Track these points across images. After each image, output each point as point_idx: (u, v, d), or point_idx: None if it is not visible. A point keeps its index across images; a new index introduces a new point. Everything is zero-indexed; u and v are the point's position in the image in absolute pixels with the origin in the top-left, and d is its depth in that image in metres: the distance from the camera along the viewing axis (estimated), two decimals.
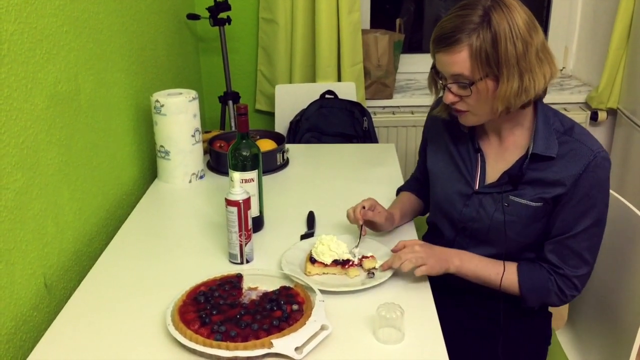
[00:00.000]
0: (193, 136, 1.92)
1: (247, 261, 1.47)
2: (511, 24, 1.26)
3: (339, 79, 2.83)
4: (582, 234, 1.36)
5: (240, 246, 1.45)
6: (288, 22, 2.80)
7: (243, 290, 1.33)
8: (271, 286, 1.34)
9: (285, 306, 1.23)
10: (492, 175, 1.45)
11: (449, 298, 1.42)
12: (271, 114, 2.89)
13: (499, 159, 1.45)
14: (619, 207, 1.51)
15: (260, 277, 1.37)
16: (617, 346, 1.47)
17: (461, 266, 1.41)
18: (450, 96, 1.36)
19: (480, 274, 1.42)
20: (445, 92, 1.36)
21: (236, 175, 1.43)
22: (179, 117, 1.87)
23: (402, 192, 1.75)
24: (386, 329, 1.20)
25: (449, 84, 1.34)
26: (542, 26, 3.04)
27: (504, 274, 1.40)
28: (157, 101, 1.86)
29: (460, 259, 1.41)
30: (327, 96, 2.68)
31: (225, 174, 1.96)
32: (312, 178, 2.02)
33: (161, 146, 1.91)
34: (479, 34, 1.27)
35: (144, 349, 1.19)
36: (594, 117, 2.89)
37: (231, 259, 1.47)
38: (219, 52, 2.80)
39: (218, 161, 2.05)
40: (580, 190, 1.33)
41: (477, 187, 1.46)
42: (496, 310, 1.45)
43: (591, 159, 1.32)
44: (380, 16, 3.08)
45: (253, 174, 1.57)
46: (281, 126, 2.75)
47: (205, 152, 2.08)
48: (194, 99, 1.90)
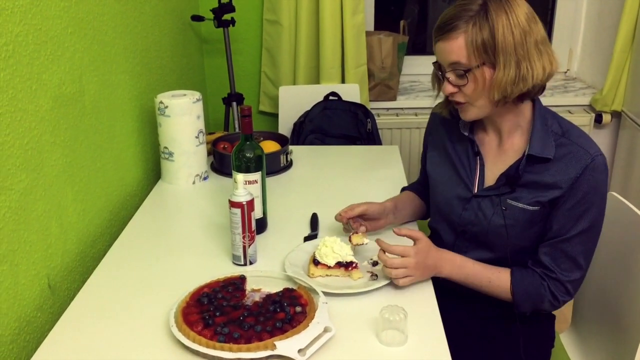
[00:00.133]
0: (197, 137, 1.92)
1: (251, 263, 1.47)
2: (509, 14, 1.28)
3: (342, 81, 2.83)
4: (577, 237, 1.36)
5: (244, 248, 1.45)
6: (292, 23, 2.80)
7: (246, 292, 1.33)
8: (274, 288, 1.34)
9: (289, 308, 1.23)
10: (491, 179, 1.45)
11: (453, 300, 1.42)
12: (275, 116, 2.89)
13: (497, 162, 1.45)
14: (622, 210, 1.51)
15: (264, 278, 1.37)
16: (621, 348, 1.47)
17: (451, 274, 1.41)
18: (449, 87, 1.36)
19: (471, 281, 1.42)
20: (444, 84, 1.37)
21: (240, 177, 1.43)
22: (183, 118, 1.87)
23: (404, 191, 1.75)
24: (389, 331, 1.20)
25: (447, 74, 1.35)
26: (547, 28, 3.09)
27: (496, 281, 1.41)
28: (161, 102, 1.86)
29: (451, 266, 1.41)
30: (330, 98, 2.68)
31: (229, 175, 1.96)
32: (316, 180, 2.02)
33: (165, 147, 1.91)
34: (475, 21, 1.28)
35: (147, 350, 1.19)
36: (598, 119, 2.89)
37: (234, 260, 1.48)
38: (223, 54, 2.80)
39: (222, 162, 2.05)
40: (576, 193, 1.33)
41: (476, 191, 1.46)
42: (500, 313, 1.45)
43: (588, 162, 1.32)
44: (384, 18, 3.08)
45: (257, 176, 1.57)
46: (285, 128, 2.75)
47: (209, 153, 2.09)
48: (197, 100, 1.90)
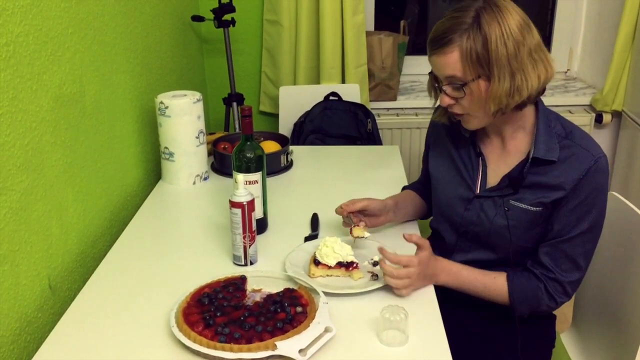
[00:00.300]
0: (197, 138, 1.92)
1: (251, 263, 1.47)
2: (502, 25, 1.26)
3: (343, 81, 2.83)
4: (577, 238, 1.36)
5: (244, 248, 1.45)
6: (292, 23, 2.80)
7: (247, 292, 1.33)
8: (275, 288, 1.34)
9: (289, 308, 1.23)
10: (493, 179, 1.45)
11: (453, 301, 1.42)
12: (275, 116, 2.89)
13: (500, 163, 1.45)
14: (623, 210, 1.50)
15: (264, 279, 1.37)
16: (622, 348, 1.47)
17: (446, 282, 1.41)
18: (446, 99, 1.36)
19: (467, 287, 1.42)
20: (441, 95, 1.37)
21: (240, 177, 1.43)
22: (184, 118, 1.87)
23: (405, 190, 1.75)
24: (390, 331, 1.20)
25: (444, 87, 1.35)
26: (547, 28, 3.09)
27: (492, 286, 1.41)
28: (161, 103, 1.86)
29: (447, 274, 1.40)
30: (331, 98, 2.68)
31: (230, 175, 1.96)
32: (316, 180, 2.02)
33: (165, 148, 1.91)
34: (469, 34, 1.27)
35: (148, 350, 1.19)
36: (598, 119, 2.89)
37: (235, 260, 1.48)
38: (223, 54, 2.80)
39: (222, 163, 2.05)
40: (579, 194, 1.33)
41: (478, 191, 1.46)
42: (500, 314, 1.45)
43: (592, 164, 1.32)
44: (385, 18, 3.08)
45: (257, 176, 1.57)
46: (285, 128, 2.75)
47: (209, 153, 2.09)
48: (198, 100, 1.90)
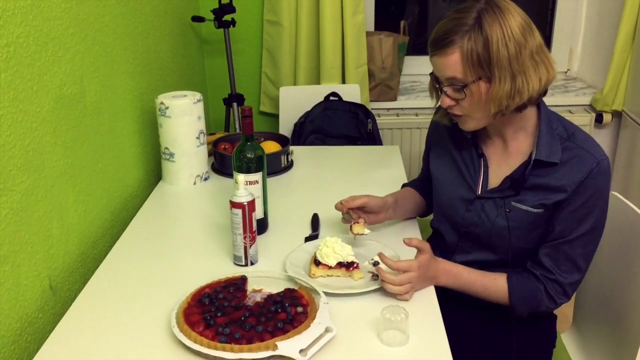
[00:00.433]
0: (198, 138, 1.92)
1: (252, 263, 1.47)
2: (504, 26, 1.26)
3: (343, 81, 2.83)
4: (578, 240, 1.36)
5: (245, 248, 1.45)
6: (292, 24, 2.80)
7: (247, 292, 1.33)
8: (275, 288, 1.34)
9: (290, 308, 1.23)
10: (495, 180, 1.45)
11: (454, 301, 1.42)
12: (275, 116, 2.89)
13: (502, 164, 1.45)
14: (623, 210, 1.50)
15: (265, 279, 1.37)
16: (622, 348, 1.47)
17: (447, 283, 1.41)
18: (446, 100, 1.36)
19: (467, 288, 1.43)
20: (442, 96, 1.37)
21: (241, 177, 1.43)
22: (184, 119, 1.88)
23: (405, 187, 1.75)
24: (391, 331, 1.20)
25: (444, 88, 1.35)
26: (547, 28, 3.09)
27: (492, 287, 1.41)
28: (161, 103, 1.86)
29: (447, 276, 1.41)
30: (331, 98, 2.68)
31: (230, 176, 1.96)
32: (317, 180, 2.02)
33: (166, 148, 1.91)
34: (470, 36, 1.27)
35: (149, 350, 1.19)
36: (598, 119, 2.89)
37: (235, 260, 1.48)
38: (223, 54, 2.80)
39: (222, 163, 2.05)
40: (580, 196, 1.33)
41: (480, 192, 1.46)
42: (501, 313, 1.45)
43: (594, 166, 1.32)
44: (385, 18, 3.08)
45: (257, 176, 1.57)
46: (285, 128, 2.75)
47: (209, 154, 2.09)
48: (198, 101, 1.90)
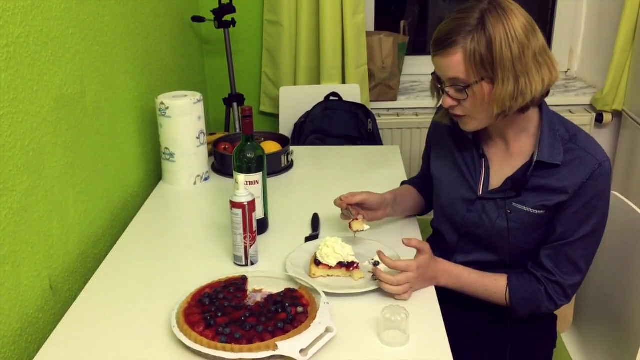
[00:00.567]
0: (198, 138, 1.92)
1: (252, 263, 1.47)
2: (507, 27, 1.25)
3: (343, 81, 2.83)
4: (579, 241, 1.36)
5: (245, 248, 1.45)
6: (292, 24, 2.80)
7: (248, 292, 1.33)
8: (276, 288, 1.34)
9: (290, 308, 1.23)
10: (496, 181, 1.45)
11: (454, 301, 1.42)
12: (276, 116, 2.90)
13: (503, 165, 1.44)
14: (623, 210, 1.50)
15: (265, 279, 1.37)
16: (623, 348, 1.47)
17: (447, 284, 1.41)
18: (448, 100, 1.35)
19: (467, 289, 1.43)
20: (443, 97, 1.36)
21: (241, 177, 1.43)
22: (184, 119, 1.88)
23: (404, 185, 1.76)
24: (391, 331, 1.20)
25: (446, 88, 1.34)
26: (547, 28, 3.09)
27: (492, 288, 1.41)
28: (162, 103, 1.86)
29: (447, 277, 1.40)
30: (331, 98, 2.68)
31: (230, 176, 1.96)
32: (317, 180, 2.02)
33: (166, 148, 1.91)
34: (473, 36, 1.26)
35: (149, 350, 1.19)
36: (599, 119, 2.89)
37: (236, 261, 1.48)
38: (223, 54, 2.80)
39: (223, 163, 2.05)
40: (582, 198, 1.33)
41: (481, 193, 1.46)
42: (501, 313, 1.45)
43: (596, 168, 1.32)
44: (385, 18, 3.08)
45: (258, 176, 1.57)
46: (286, 128, 2.75)
47: (210, 154, 2.09)
48: (198, 101, 1.90)
